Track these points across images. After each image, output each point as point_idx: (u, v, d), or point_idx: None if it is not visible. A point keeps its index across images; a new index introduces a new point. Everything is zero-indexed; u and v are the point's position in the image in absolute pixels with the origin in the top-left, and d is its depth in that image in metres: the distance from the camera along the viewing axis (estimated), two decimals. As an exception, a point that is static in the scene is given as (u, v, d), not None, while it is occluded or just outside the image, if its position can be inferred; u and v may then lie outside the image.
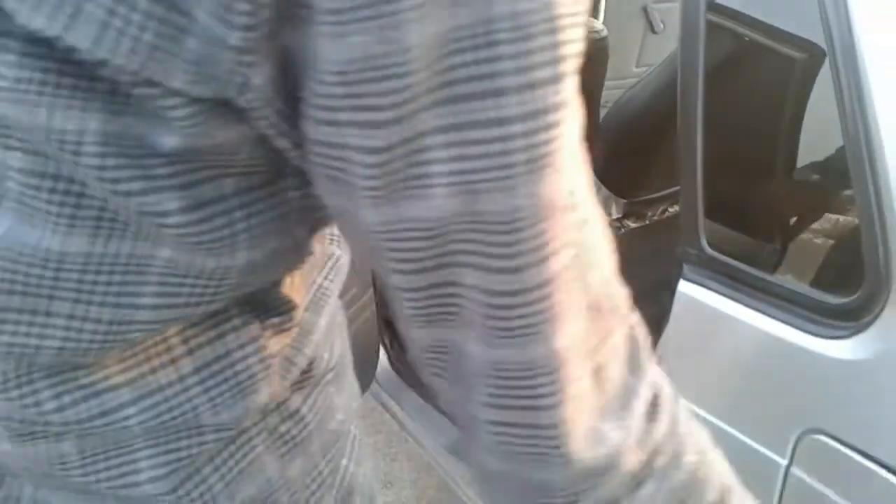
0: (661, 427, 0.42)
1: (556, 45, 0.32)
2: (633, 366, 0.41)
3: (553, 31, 0.31)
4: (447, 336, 0.39)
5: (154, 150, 0.36)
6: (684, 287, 1.11)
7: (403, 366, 2.14)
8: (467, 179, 0.33)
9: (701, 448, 0.44)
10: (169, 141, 0.36)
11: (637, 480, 0.41)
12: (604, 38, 1.96)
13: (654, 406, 0.42)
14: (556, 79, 0.32)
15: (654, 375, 0.42)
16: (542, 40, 0.31)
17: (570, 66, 0.33)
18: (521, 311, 0.36)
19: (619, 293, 0.40)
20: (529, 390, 0.37)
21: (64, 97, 0.34)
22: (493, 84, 0.31)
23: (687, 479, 0.42)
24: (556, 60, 0.32)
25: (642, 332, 0.42)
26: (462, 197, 0.33)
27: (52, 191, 0.37)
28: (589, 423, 0.39)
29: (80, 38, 0.32)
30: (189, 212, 0.38)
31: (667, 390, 0.43)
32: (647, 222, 2.51)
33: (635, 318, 0.42)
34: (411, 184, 0.33)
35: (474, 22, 0.30)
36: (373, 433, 2.35)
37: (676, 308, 1.12)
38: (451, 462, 1.86)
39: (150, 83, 0.33)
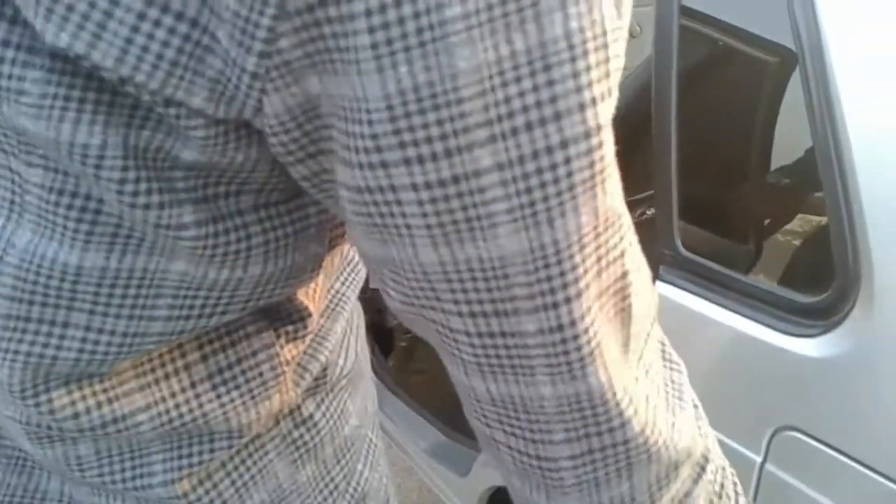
0: (702, 410, 0.43)
1: (606, 60, 0.31)
2: (668, 360, 0.43)
3: (599, 48, 0.31)
4: (513, 391, 0.37)
5: (174, 163, 0.37)
6: (659, 287, 1.12)
7: (385, 371, 2.14)
8: (530, 213, 0.32)
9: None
10: (188, 155, 0.37)
11: (700, 466, 0.42)
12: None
13: (692, 393, 0.43)
14: (604, 95, 0.32)
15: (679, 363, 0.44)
16: (594, 57, 0.31)
17: (616, 80, 0.33)
18: (584, 339, 0.35)
19: (654, 293, 0.40)
20: (609, 413, 0.37)
21: (88, 112, 0.35)
22: (550, 110, 0.31)
23: (720, 453, 0.44)
24: (603, 77, 0.32)
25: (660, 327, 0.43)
26: (526, 233, 0.32)
27: (70, 207, 0.38)
28: (663, 420, 0.39)
29: (104, 57, 0.32)
30: (205, 225, 0.39)
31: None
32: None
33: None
34: (473, 224, 0.32)
35: (530, 47, 0.30)
36: (355, 438, 2.34)
37: (652, 308, 1.13)
38: (432, 466, 1.87)
39: (170, 102, 0.34)
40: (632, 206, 2.51)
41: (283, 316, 0.51)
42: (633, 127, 2.20)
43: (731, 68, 1.21)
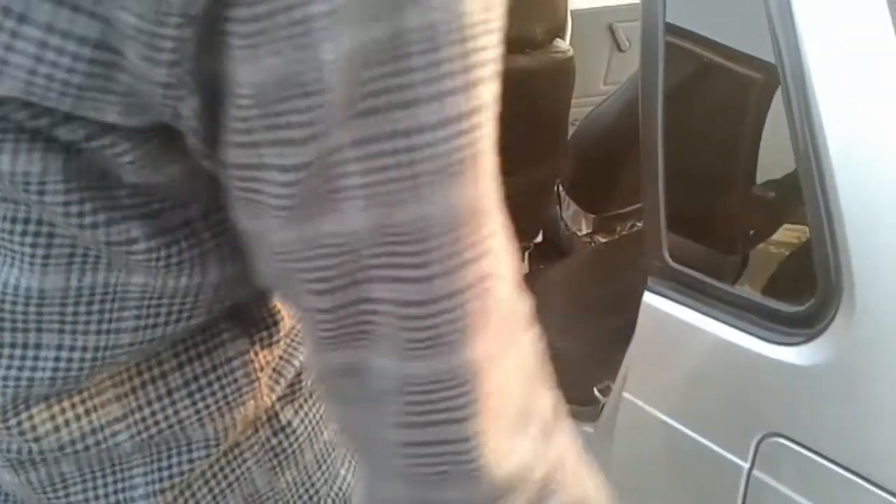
0: (560, 439, 0.41)
1: (466, 54, 0.32)
2: (534, 379, 0.41)
3: (463, 40, 0.32)
4: (357, 357, 0.38)
5: (118, 182, 0.38)
6: (649, 298, 1.14)
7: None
8: (382, 191, 0.33)
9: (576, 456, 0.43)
10: (127, 177, 0.38)
11: (540, 496, 0.40)
12: (570, 58, 2.00)
13: (553, 419, 0.41)
14: (468, 86, 0.33)
15: (550, 390, 0.42)
16: (452, 50, 0.32)
17: (485, 72, 0.33)
18: (432, 321, 0.35)
19: (524, 304, 0.40)
20: (442, 403, 0.37)
21: (25, 141, 0.35)
22: (406, 95, 0.32)
23: (580, 494, 0.42)
24: (468, 69, 0.33)
25: (539, 346, 0.42)
26: (377, 209, 0.33)
27: (24, 233, 0.39)
28: (499, 437, 0.38)
29: (11, 90, 0.33)
30: (155, 237, 0.40)
31: (557, 408, 0.42)
32: (617, 237, 2.55)
33: (533, 332, 0.41)
34: (326, 198, 0.34)
35: (388, 35, 0.31)
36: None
37: (641, 318, 1.15)
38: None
39: (86, 122, 0.35)
40: (623, 218, 2.54)
41: (256, 321, 0.52)
42: (622, 141, 2.23)
43: (717, 84, 1.23)
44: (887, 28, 0.91)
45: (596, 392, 1.30)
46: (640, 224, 2.64)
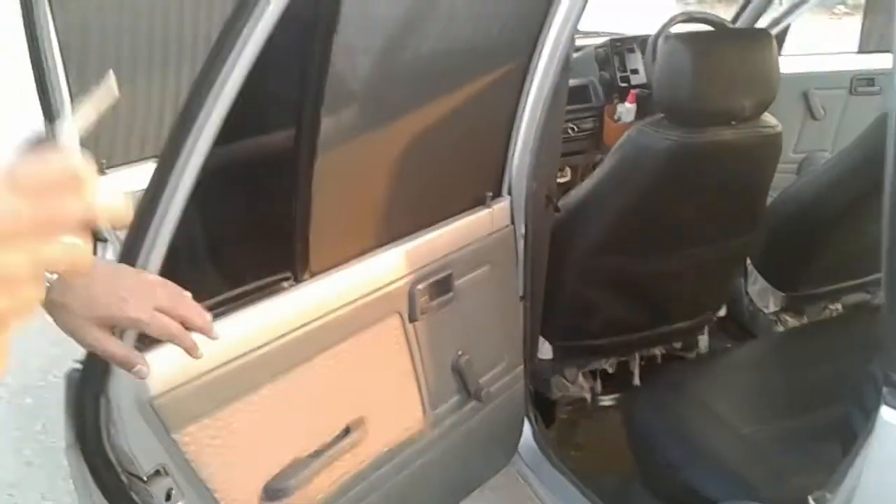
0: None
1: None
2: None
3: None
4: None
5: None
6: (887, 414, 1.08)
7: (546, 441, 2.15)
8: None
9: None
10: None
11: None
12: (777, 134, 1.95)
13: None
14: None
15: None
16: None
17: None
18: None
19: None
20: None
21: None
22: None
23: None
24: None
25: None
26: None
27: None
28: None
29: None
30: None
31: None
32: (806, 319, 2.43)
33: None
34: None
35: None
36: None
37: (878, 435, 1.09)
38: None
39: None
40: (815, 298, 2.39)
41: None
42: (825, 219, 2.14)
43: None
44: None
45: (811, 501, 1.24)
46: (831, 307, 2.51)
